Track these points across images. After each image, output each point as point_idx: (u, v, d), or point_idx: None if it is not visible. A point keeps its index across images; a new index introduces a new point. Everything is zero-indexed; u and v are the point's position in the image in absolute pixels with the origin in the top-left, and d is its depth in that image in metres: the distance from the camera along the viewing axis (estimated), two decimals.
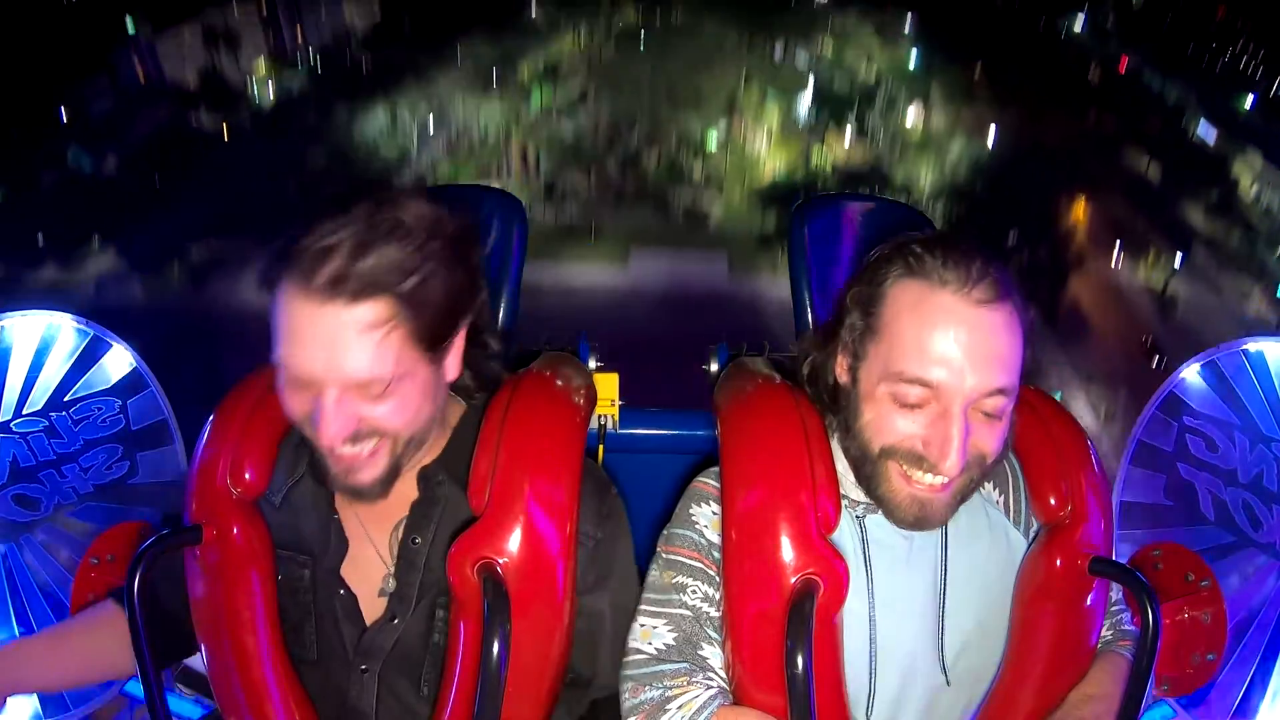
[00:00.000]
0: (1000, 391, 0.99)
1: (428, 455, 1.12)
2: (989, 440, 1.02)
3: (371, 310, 0.92)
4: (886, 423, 1.03)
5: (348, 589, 1.11)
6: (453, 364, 1.05)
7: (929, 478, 1.03)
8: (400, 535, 1.11)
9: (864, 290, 1.07)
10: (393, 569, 1.11)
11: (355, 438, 0.98)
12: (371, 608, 1.11)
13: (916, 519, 1.05)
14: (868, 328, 1.06)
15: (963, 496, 1.06)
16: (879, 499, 1.07)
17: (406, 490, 1.11)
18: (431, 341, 0.98)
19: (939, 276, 1.00)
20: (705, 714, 1.04)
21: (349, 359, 0.93)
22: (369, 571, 1.12)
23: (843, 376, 1.11)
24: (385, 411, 0.98)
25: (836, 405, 1.13)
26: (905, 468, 1.04)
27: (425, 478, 1.12)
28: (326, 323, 0.92)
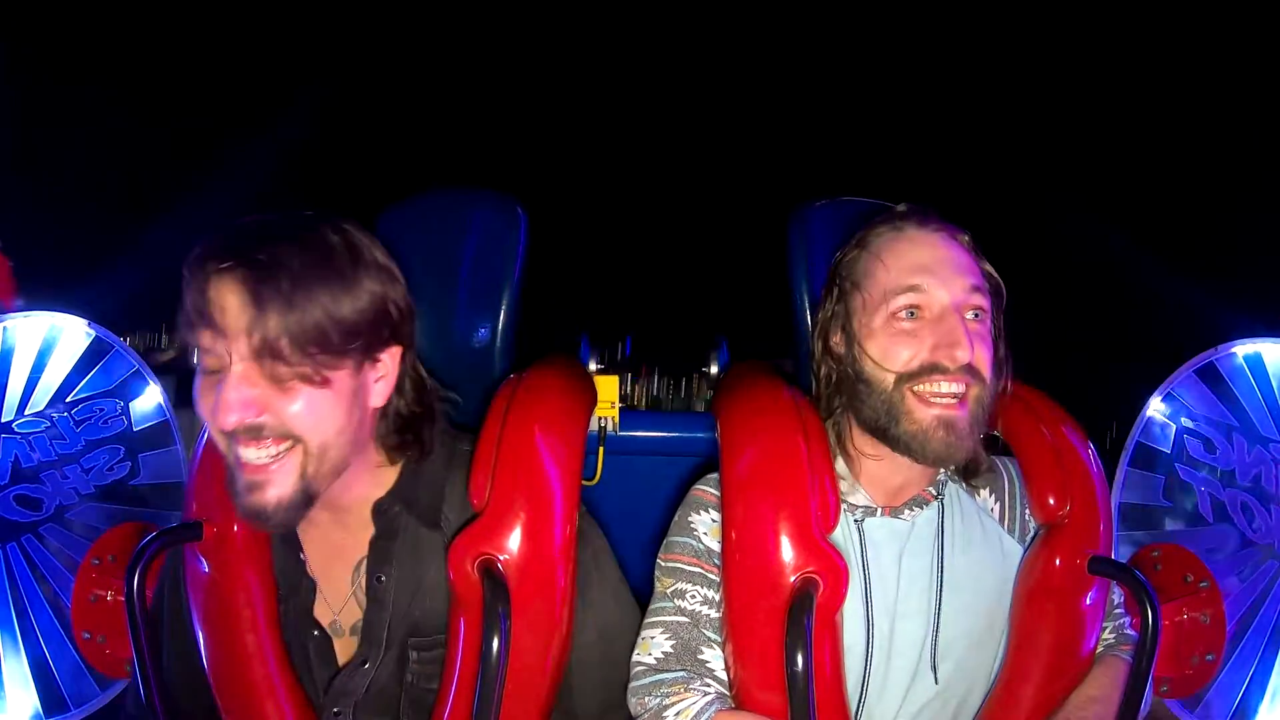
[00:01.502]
0: (978, 289, 1.08)
1: (378, 489, 1.07)
2: (981, 348, 1.07)
3: (260, 282, 0.89)
4: (893, 347, 1.07)
5: (322, 630, 1.09)
6: (373, 380, 0.99)
7: (946, 385, 1.05)
8: (363, 573, 1.08)
9: (837, 269, 1.17)
10: (360, 609, 1.08)
11: (260, 431, 0.91)
12: (344, 647, 1.09)
13: (945, 444, 1.05)
14: (852, 285, 1.14)
15: (976, 425, 1.07)
16: (905, 440, 1.07)
17: (365, 525, 1.08)
18: (323, 344, 0.91)
19: (898, 223, 1.13)
20: (704, 716, 1.04)
21: (245, 312, 0.89)
22: (338, 610, 1.10)
23: (839, 347, 1.15)
24: (293, 409, 0.91)
25: (841, 386, 1.15)
26: (922, 386, 1.05)
27: (380, 510, 1.07)
28: (227, 285, 0.89)
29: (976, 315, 1.08)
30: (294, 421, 0.92)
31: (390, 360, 1.00)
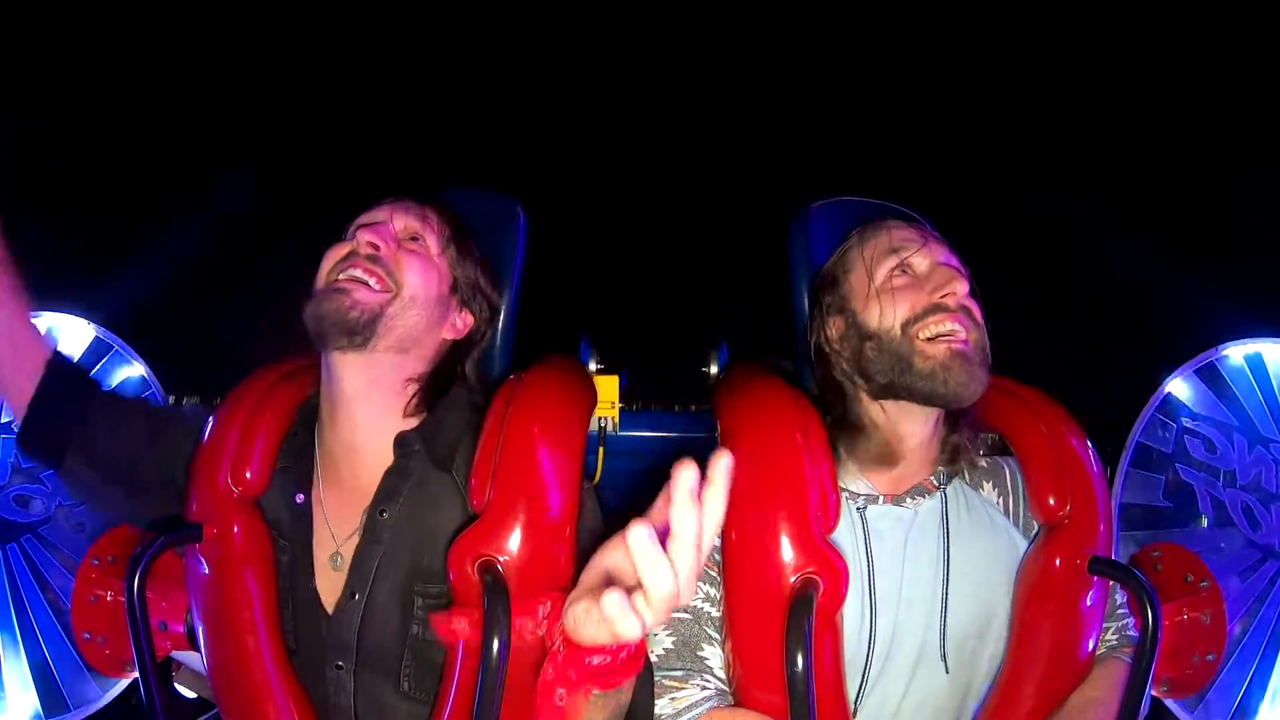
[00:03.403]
0: (959, 260, 1.16)
1: (405, 423, 1.16)
2: (972, 301, 1.13)
3: (433, 210, 1.24)
4: (892, 301, 1.13)
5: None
6: (457, 321, 1.23)
7: (949, 324, 1.10)
8: (368, 510, 1.12)
9: (824, 273, 1.24)
10: (356, 542, 1.11)
11: (376, 261, 1.13)
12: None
13: (965, 372, 1.08)
14: (844, 273, 1.20)
15: (985, 362, 1.11)
16: (924, 377, 1.09)
17: (378, 467, 1.13)
18: (450, 259, 1.22)
19: (878, 221, 1.22)
20: (698, 710, 1.05)
21: (412, 206, 1.22)
22: (340, 543, 1.13)
23: (838, 329, 1.19)
24: (409, 262, 1.16)
25: (843, 366, 1.19)
26: (927, 330, 1.10)
27: (401, 442, 1.14)
28: (406, 199, 1.24)
29: (959, 265, 1.15)
30: (403, 270, 1.15)
31: (462, 322, 1.24)
